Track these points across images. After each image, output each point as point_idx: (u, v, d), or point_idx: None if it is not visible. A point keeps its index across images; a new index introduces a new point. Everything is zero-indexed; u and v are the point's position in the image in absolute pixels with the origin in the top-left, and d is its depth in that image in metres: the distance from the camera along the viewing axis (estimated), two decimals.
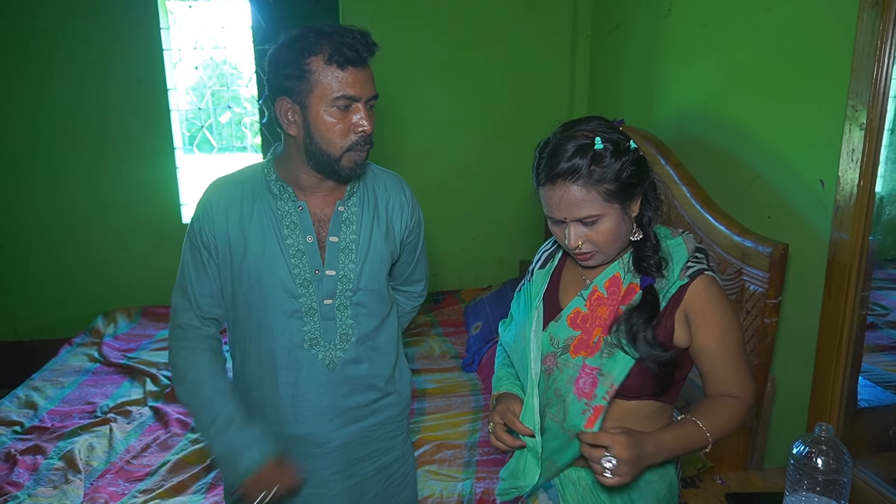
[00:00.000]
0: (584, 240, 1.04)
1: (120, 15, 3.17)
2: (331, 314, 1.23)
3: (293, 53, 1.09)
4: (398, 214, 1.31)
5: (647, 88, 2.65)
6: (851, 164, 1.48)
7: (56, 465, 2.07)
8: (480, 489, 1.91)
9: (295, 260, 1.20)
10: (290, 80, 1.10)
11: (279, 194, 1.21)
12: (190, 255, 1.24)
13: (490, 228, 3.65)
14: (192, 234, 1.23)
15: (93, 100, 3.25)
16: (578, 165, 0.98)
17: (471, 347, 2.87)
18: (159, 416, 2.41)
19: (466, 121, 3.49)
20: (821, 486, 1.15)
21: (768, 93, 1.87)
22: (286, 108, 1.13)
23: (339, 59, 1.08)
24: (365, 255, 1.25)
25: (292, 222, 1.20)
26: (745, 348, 1.10)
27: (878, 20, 1.40)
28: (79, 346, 3.05)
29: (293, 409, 1.24)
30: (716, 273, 1.09)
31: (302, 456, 1.26)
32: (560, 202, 1.01)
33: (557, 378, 1.11)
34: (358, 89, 1.11)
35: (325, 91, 1.09)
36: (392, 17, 3.29)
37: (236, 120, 3.83)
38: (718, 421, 1.06)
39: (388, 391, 1.33)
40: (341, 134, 1.12)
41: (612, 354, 1.05)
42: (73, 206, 3.36)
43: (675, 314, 1.06)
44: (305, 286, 1.21)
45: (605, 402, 1.04)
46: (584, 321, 1.10)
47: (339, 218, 1.23)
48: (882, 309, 1.63)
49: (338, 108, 1.11)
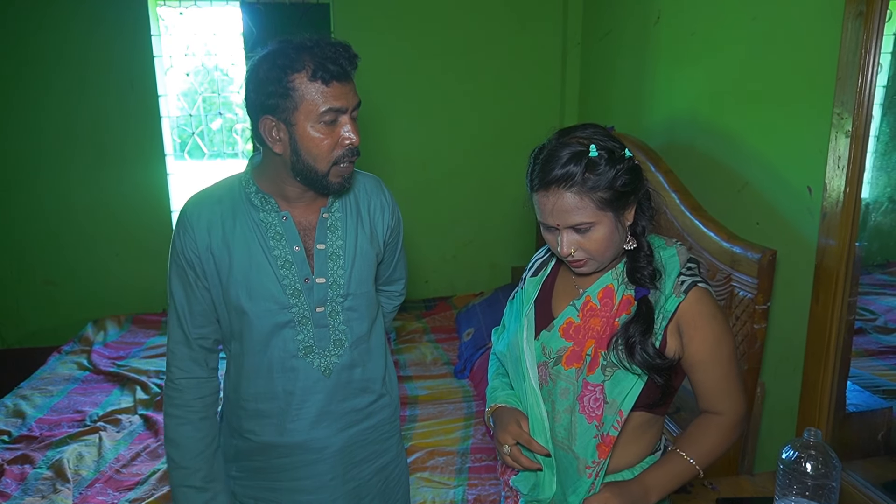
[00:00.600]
0: (577, 247, 1.03)
1: (111, 21, 3.16)
2: (324, 321, 1.23)
3: (275, 71, 1.07)
4: (380, 216, 1.31)
5: (636, 95, 2.68)
6: (838, 171, 1.50)
7: (44, 474, 2.05)
8: (472, 496, 1.90)
9: (284, 270, 1.19)
10: (273, 98, 1.08)
11: (261, 206, 1.20)
12: (176, 277, 1.21)
13: (482, 235, 3.66)
14: (174, 255, 1.22)
15: (84, 106, 3.23)
16: (573, 172, 0.98)
17: (463, 354, 2.87)
18: (149, 425, 2.40)
19: (458, 128, 3.50)
20: (810, 491, 1.16)
21: (756, 100, 1.89)
22: (270, 125, 1.11)
23: (324, 75, 1.07)
24: (353, 260, 1.25)
25: (277, 233, 1.20)
26: (737, 362, 1.09)
27: (861, 30, 1.42)
28: (68, 353, 3.03)
29: (291, 418, 1.24)
30: (708, 284, 1.08)
31: (301, 463, 1.26)
32: (553, 209, 1.01)
33: (552, 390, 1.10)
34: (343, 101, 1.10)
35: (311, 107, 1.08)
36: (383, 24, 3.31)
37: (227, 126, 3.82)
38: (704, 448, 1.08)
39: (382, 393, 1.34)
40: (329, 148, 1.12)
41: (613, 375, 1.04)
42: (63, 212, 3.34)
43: (668, 327, 1.05)
44: (296, 296, 1.21)
45: (616, 431, 1.04)
46: (576, 332, 1.10)
47: (325, 225, 1.23)
48: (871, 314, 1.65)
49: (324, 122, 1.10)
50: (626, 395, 1.03)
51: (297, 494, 1.28)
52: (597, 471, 1.06)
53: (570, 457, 1.08)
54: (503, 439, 1.12)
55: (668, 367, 1.04)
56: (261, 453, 1.27)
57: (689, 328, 1.05)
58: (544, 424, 1.11)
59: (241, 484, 1.31)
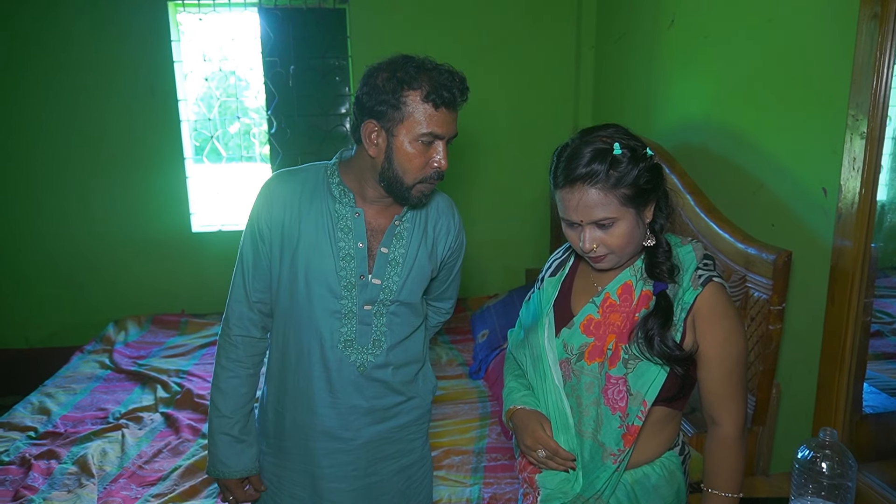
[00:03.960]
0: (599, 243, 1.06)
1: (131, 27, 3.24)
2: (368, 319, 1.28)
3: (392, 82, 1.12)
4: (444, 236, 1.36)
5: (650, 97, 2.68)
6: (853, 173, 1.50)
7: (70, 469, 2.10)
8: (488, 494, 1.92)
9: (343, 263, 1.25)
10: (382, 106, 1.13)
11: (339, 198, 1.25)
12: (249, 244, 1.28)
13: (496, 237, 3.67)
14: (250, 224, 1.28)
15: (108, 111, 3.31)
16: (597, 170, 1.01)
17: (477, 355, 2.89)
18: (170, 423, 2.44)
19: (472, 130, 3.52)
20: (826, 491, 1.16)
21: (771, 102, 1.89)
22: (372, 129, 1.16)
23: (436, 100, 1.13)
24: (409, 269, 1.29)
25: (347, 227, 1.25)
26: (743, 367, 1.10)
27: (876, 32, 1.42)
28: (90, 353, 3.09)
29: (324, 403, 1.29)
30: (724, 280, 1.10)
31: (326, 450, 1.31)
32: (578, 205, 1.04)
33: (576, 386, 1.13)
34: (444, 129, 1.16)
35: (415, 125, 1.14)
36: (399, 28, 3.34)
37: (245, 130, 3.88)
38: (729, 473, 1.11)
39: (411, 395, 1.37)
40: (419, 167, 1.17)
41: (636, 368, 1.07)
42: (86, 214, 3.41)
43: (686, 319, 1.08)
44: (349, 289, 1.25)
45: (640, 420, 1.07)
46: (597, 328, 1.12)
47: (393, 231, 1.28)
48: (888, 317, 1.64)
49: (422, 142, 1.15)
50: (650, 386, 1.06)
51: (318, 480, 1.32)
52: (621, 458, 1.09)
53: (595, 445, 1.11)
54: (530, 444, 1.14)
55: (686, 359, 1.06)
56: (291, 433, 1.32)
57: (702, 322, 1.07)
58: (568, 420, 1.14)
59: (268, 460, 1.37)
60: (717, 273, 1.09)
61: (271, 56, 3.38)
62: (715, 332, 1.07)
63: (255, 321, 1.31)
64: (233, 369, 1.31)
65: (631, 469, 1.14)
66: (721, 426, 1.10)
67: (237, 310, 1.31)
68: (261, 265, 1.28)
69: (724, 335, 1.07)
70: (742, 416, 1.11)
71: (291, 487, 1.34)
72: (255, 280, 1.29)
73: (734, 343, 1.07)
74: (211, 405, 1.34)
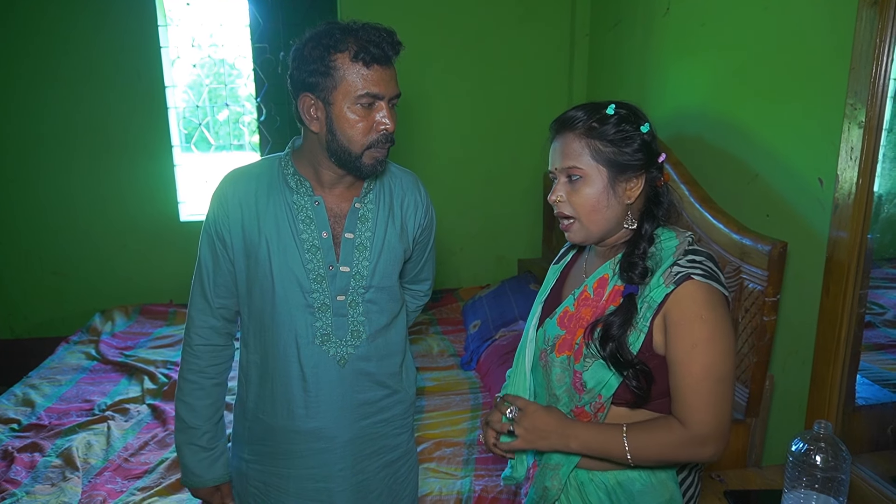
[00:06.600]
0: (565, 199, 1.05)
1: (118, 12, 3.16)
2: (343, 310, 1.24)
3: (318, 49, 1.09)
4: (412, 213, 1.32)
5: (645, 86, 2.66)
6: (850, 163, 1.48)
7: (54, 462, 2.06)
8: (479, 486, 1.91)
9: (309, 255, 1.20)
10: (314, 76, 1.10)
11: (296, 188, 1.21)
12: (207, 247, 1.25)
13: (489, 227, 3.65)
14: (207, 226, 1.25)
15: (91, 97, 3.24)
16: (579, 117, 1.03)
17: (469, 346, 2.87)
18: (157, 414, 2.41)
19: (464, 119, 3.49)
20: (819, 484, 1.16)
21: (767, 91, 1.87)
22: (309, 103, 1.13)
23: (365, 57, 1.09)
24: (379, 252, 1.25)
25: (308, 217, 1.21)
26: (718, 378, 0.97)
27: (876, 19, 1.40)
28: (76, 343, 3.05)
29: (304, 404, 1.24)
30: (711, 280, 0.99)
31: (311, 451, 1.27)
32: (554, 151, 1.06)
33: (549, 376, 1.12)
34: (382, 88, 1.12)
35: (350, 88, 1.10)
36: (390, 15, 3.27)
37: (234, 118, 3.83)
38: (648, 441, 0.99)
39: (396, 388, 1.34)
40: (363, 132, 1.13)
41: (591, 366, 1.03)
42: (71, 203, 3.35)
43: (654, 320, 1.00)
44: (319, 281, 1.21)
45: (591, 409, 1.05)
46: (570, 321, 1.10)
47: (356, 214, 1.24)
48: (880, 308, 1.63)
49: (361, 105, 1.11)
50: (604, 387, 1.03)
51: (305, 482, 1.28)
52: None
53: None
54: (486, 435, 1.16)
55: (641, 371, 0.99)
56: (272, 437, 1.28)
57: (671, 324, 0.99)
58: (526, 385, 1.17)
59: (252, 467, 1.32)
60: (702, 271, 0.98)
61: (260, 42, 3.33)
62: (682, 338, 0.97)
63: (217, 328, 1.28)
64: (197, 381, 1.29)
65: (600, 471, 1.08)
66: (686, 426, 0.98)
67: (198, 319, 1.28)
68: (221, 270, 1.24)
69: (692, 342, 0.96)
70: (714, 425, 0.97)
71: (278, 495, 1.30)
72: (216, 286, 1.25)
73: (705, 352, 0.96)
74: (177, 417, 1.31)
